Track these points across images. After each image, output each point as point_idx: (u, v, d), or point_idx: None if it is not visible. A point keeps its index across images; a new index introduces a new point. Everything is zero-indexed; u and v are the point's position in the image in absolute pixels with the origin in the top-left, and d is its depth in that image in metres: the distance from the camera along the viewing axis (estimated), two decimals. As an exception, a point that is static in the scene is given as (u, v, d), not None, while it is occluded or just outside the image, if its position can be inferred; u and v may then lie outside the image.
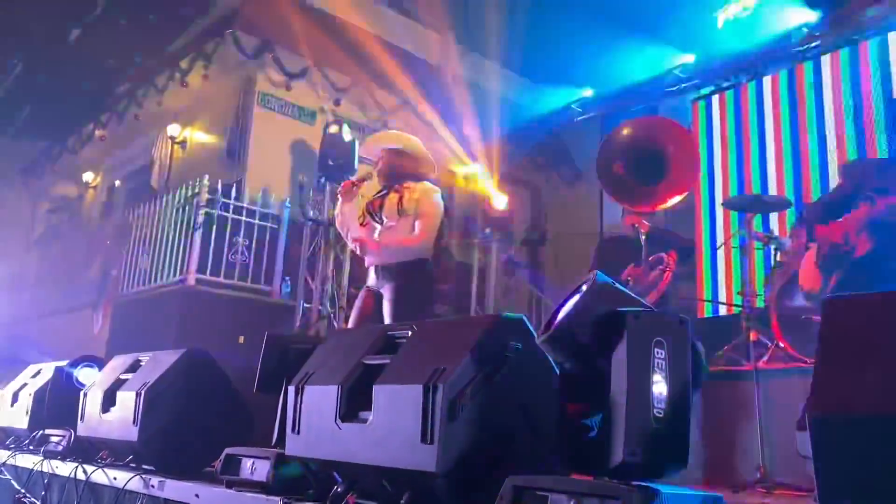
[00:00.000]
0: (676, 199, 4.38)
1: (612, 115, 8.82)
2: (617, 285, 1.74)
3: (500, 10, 8.54)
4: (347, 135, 7.22)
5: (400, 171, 4.11)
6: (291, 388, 2.42)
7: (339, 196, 4.21)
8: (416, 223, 3.99)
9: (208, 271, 6.51)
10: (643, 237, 4.26)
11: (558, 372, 1.88)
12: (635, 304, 1.70)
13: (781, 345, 4.69)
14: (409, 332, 2.25)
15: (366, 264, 4.17)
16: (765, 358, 4.81)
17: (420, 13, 8.66)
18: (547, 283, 9.35)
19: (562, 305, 1.83)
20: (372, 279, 4.09)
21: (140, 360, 3.65)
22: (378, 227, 4.07)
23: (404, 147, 4.17)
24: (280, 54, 7.72)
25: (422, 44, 8.86)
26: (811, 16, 6.85)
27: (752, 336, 4.93)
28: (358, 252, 4.15)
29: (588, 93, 9.02)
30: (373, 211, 4.11)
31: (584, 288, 1.72)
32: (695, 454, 4.47)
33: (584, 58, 9.12)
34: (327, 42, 7.83)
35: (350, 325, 4.10)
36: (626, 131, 4.54)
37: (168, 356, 3.46)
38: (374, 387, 2.11)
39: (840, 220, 3.38)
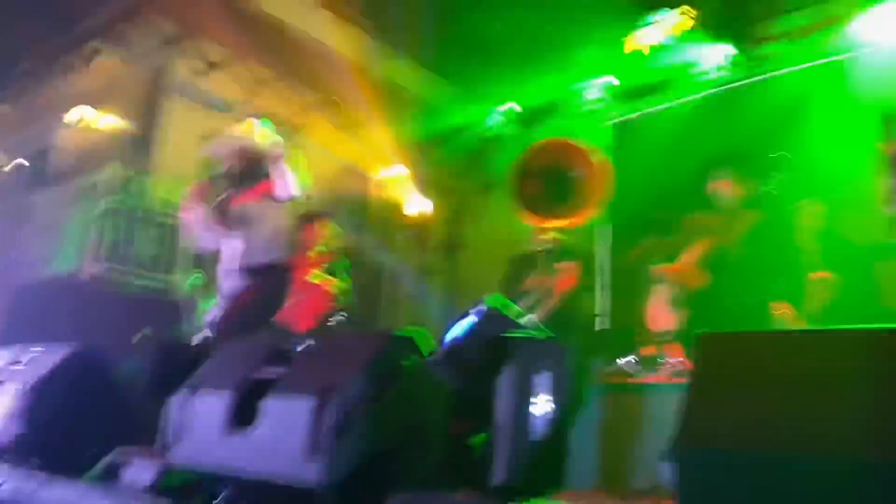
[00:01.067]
0: (585, 216, 4.53)
1: (533, 129, 8.98)
2: (508, 309, 1.78)
3: (429, 15, 8.58)
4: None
5: (253, 169, 3.86)
6: (179, 397, 2.36)
7: (188, 197, 3.93)
8: (274, 224, 3.83)
9: (109, 262, 6.25)
10: (547, 249, 4.39)
11: (449, 391, 1.90)
12: (524, 329, 1.74)
13: (679, 359, 4.87)
14: (303, 346, 2.23)
15: (223, 268, 3.91)
16: (661, 372, 4.99)
17: (347, 12, 8.58)
18: (461, 290, 9.42)
19: (454, 326, 1.85)
20: (231, 283, 3.83)
21: (27, 354, 3.48)
22: (232, 229, 3.84)
23: (257, 144, 3.92)
24: (200, 42, 7.50)
25: (348, 42, 8.77)
26: (723, 47, 7.17)
27: (651, 350, 5.13)
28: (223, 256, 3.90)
29: (511, 104, 9.13)
30: (226, 211, 3.87)
31: (476, 311, 1.75)
32: (589, 463, 4.62)
33: (508, 70, 9.26)
34: (250, 34, 7.65)
35: (213, 329, 3.71)
36: (538, 152, 4.69)
37: (57, 351, 3.32)
38: (264, 399, 2.08)
39: (681, 260, 3.61)
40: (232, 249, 3.86)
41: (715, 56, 7.21)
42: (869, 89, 6.18)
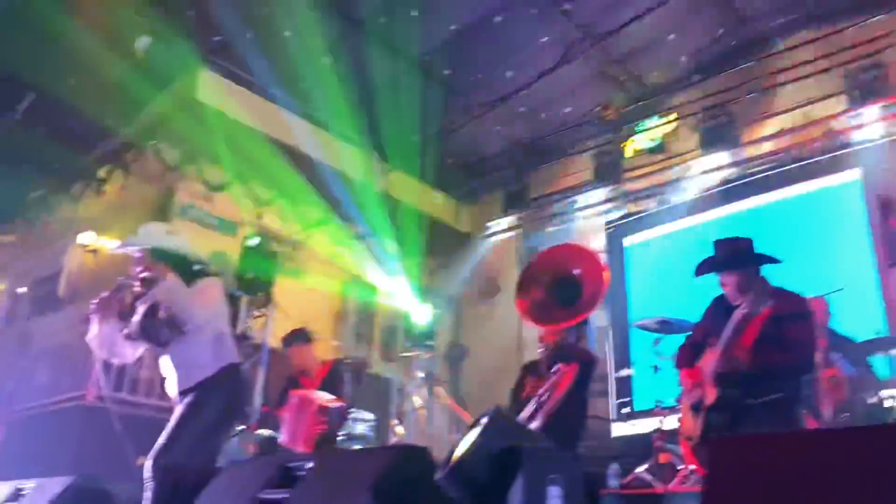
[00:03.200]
0: (584, 316, 4.52)
1: (529, 234, 9.13)
2: (516, 420, 1.75)
3: (424, 132, 8.89)
4: (267, 247, 7.19)
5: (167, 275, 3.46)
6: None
7: (90, 317, 3.52)
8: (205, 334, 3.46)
9: (111, 387, 6.17)
10: (546, 350, 4.36)
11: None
12: (533, 440, 1.71)
13: (692, 467, 4.73)
14: (310, 465, 2.17)
15: (170, 392, 3.56)
16: (676, 481, 4.84)
17: (344, 131, 8.90)
18: (468, 399, 9.28)
19: (462, 438, 1.82)
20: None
21: (22, 489, 3.38)
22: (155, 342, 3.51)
23: (171, 245, 3.57)
24: (203, 166, 7.73)
25: (346, 160, 9.05)
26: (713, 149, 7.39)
27: (664, 458, 4.98)
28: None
29: (507, 212, 9.32)
30: (149, 327, 3.49)
31: (483, 423, 1.72)
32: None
33: (502, 178, 9.53)
34: (251, 156, 7.90)
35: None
36: (543, 260, 4.77)
37: (55, 484, 3.22)
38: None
39: (696, 366, 3.55)
40: (166, 369, 3.57)
41: (705, 159, 7.42)
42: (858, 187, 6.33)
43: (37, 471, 3.55)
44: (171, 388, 3.57)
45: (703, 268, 3.71)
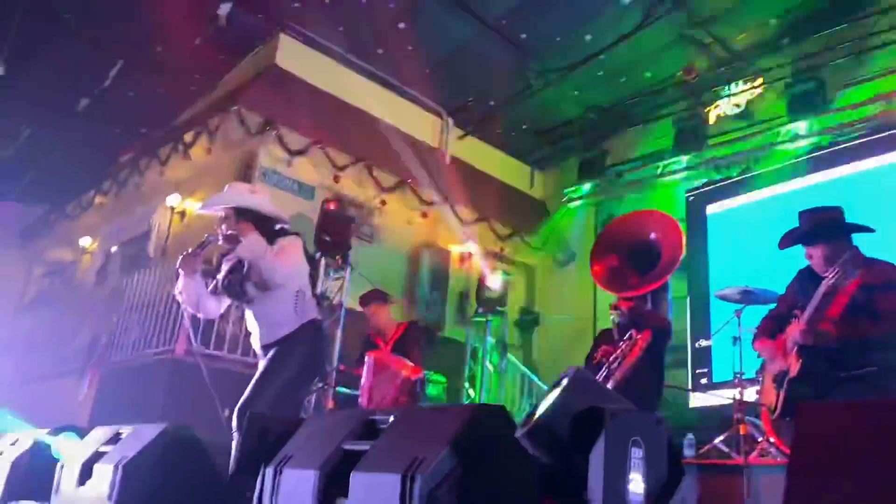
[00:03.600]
0: (661, 282, 4.45)
1: (606, 203, 9.00)
2: (597, 381, 1.76)
3: (498, 97, 8.83)
4: (344, 211, 7.31)
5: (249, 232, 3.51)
6: (269, 470, 2.39)
7: (178, 271, 3.62)
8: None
9: (198, 341, 6.45)
10: (619, 318, 4.30)
11: (539, 465, 1.87)
12: (614, 401, 1.71)
13: (772, 440, 4.64)
14: (391, 419, 2.24)
15: (255, 347, 3.72)
16: (755, 453, 4.75)
17: (421, 97, 8.94)
18: (539, 365, 9.31)
19: (543, 397, 1.84)
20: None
21: (120, 433, 3.58)
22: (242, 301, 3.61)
23: (254, 204, 3.60)
24: (283, 131, 7.87)
25: (422, 126, 9.11)
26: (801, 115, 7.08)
27: (743, 429, 4.89)
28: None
29: (583, 178, 9.20)
30: (233, 284, 3.56)
31: (564, 383, 1.73)
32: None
33: (579, 144, 9.39)
34: (329, 121, 8.02)
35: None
36: (619, 226, 4.69)
37: (150, 430, 3.40)
38: (352, 473, 2.09)
39: (779, 338, 3.47)
40: (251, 325, 3.69)
41: (793, 126, 7.12)
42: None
43: (128, 419, 3.75)
44: (256, 343, 3.71)
45: (788, 240, 3.59)
